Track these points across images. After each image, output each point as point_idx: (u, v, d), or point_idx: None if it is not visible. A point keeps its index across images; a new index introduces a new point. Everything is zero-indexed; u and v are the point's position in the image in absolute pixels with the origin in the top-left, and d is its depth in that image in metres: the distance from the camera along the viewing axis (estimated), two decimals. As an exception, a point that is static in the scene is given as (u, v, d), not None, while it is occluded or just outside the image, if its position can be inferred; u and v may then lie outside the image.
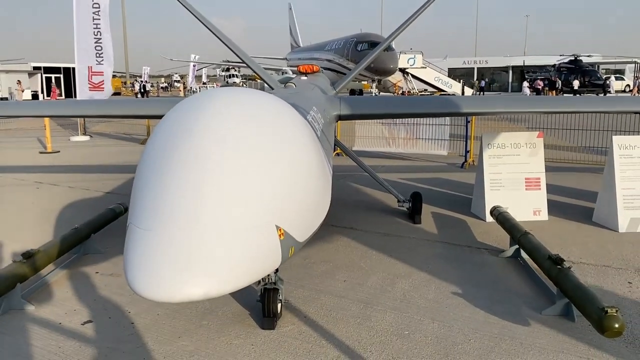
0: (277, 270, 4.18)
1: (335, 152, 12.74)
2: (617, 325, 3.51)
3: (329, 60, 39.61)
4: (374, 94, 37.41)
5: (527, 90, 42.10)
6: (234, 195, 2.72)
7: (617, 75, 49.70)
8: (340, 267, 5.52)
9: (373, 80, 37.68)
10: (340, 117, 6.71)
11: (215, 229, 2.60)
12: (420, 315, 4.38)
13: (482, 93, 47.52)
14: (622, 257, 5.71)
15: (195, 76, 60.36)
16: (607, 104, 8.65)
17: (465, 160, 11.82)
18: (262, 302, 4.14)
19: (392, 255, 5.87)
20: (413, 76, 43.37)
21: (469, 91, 46.04)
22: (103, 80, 15.86)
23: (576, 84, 42.21)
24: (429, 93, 42.70)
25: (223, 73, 63.30)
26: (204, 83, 63.28)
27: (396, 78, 42.28)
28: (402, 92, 42.53)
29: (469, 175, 9.42)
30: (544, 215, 7.19)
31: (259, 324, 4.19)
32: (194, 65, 58.42)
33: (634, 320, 4.22)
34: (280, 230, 2.77)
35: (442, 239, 6.52)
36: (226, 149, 2.84)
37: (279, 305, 4.22)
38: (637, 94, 41.03)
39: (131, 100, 12.38)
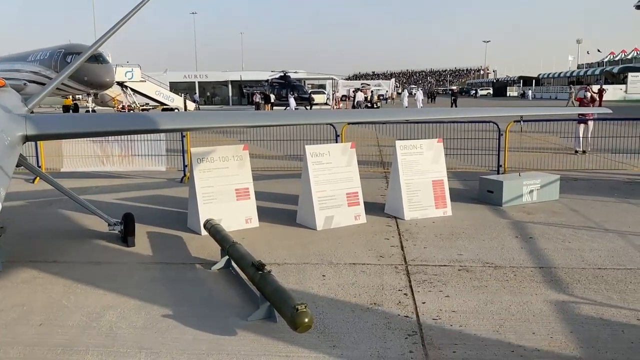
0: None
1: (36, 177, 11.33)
2: (306, 320, 3.87)
3: (35, 73, 35.51)
4: (90, 109, 34.88)
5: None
6: None
7: (320, 90, 56.62)
8: (36, 310, 4.85)
9: (89, 95, 35.16)
10: (28, 138, 5.91)
11: None
12: (126, 347, 4.12)
13: (198, 107, 48.88)
14: (319, 253, 6.40)
15: None
16: (303, 118, 9.75)
17: (185, 175, 11.82)
18: None
19: (101, 286, 5.42)
20: (133, 90, 41.90)
21: (191, 105, 46.67)
22: None
23: (272, 97, 46.54)
24: (151, 107, 41.79)
25: None
26: None
27: (115, 92, 40.25)
28: (123, 106, 40.66)
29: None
30: (255, 223, 7.61)
31: None
32: None
33: (326, 311, 4.73)
34: None
35: (156, 260, 6.32)
36: None
37: None
38: (335, 106, 47.57)
39: None
